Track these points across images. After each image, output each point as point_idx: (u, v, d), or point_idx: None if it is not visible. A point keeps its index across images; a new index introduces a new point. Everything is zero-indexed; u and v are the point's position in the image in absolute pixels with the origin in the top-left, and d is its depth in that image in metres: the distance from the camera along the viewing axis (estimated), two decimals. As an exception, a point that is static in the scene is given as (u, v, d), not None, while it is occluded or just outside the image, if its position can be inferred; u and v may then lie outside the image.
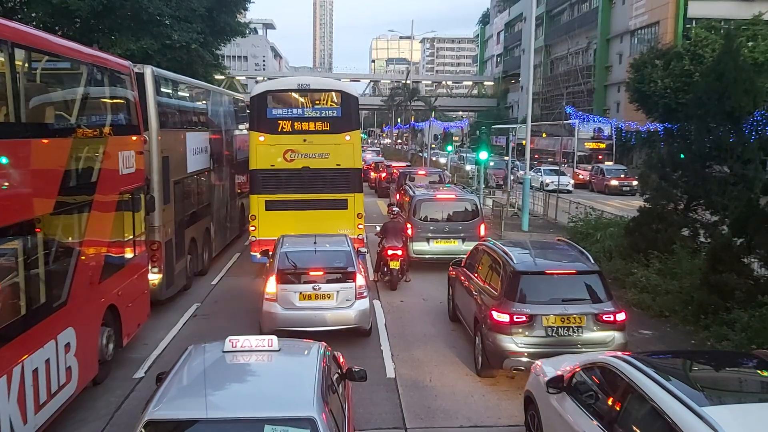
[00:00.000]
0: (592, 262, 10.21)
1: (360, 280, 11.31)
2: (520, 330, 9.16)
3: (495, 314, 9.34)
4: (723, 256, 11.52)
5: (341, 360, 7.57)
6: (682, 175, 15.08)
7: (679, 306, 12.45)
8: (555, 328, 9.12)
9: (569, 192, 34.52)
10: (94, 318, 9.15)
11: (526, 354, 9.09)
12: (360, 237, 15.76)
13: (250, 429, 5.13)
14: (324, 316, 11.05)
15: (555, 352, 8.55)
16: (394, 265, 14.97)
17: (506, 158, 34.91)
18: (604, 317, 9.27)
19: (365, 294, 11.36)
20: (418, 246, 16.85)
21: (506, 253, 10.17)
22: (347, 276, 11.27)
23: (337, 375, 6.73)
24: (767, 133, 20.91)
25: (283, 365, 6.40)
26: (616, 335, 9.33)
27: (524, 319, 9.15)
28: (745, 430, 4.83)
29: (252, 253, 15.78)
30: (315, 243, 12.02)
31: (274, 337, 6.38)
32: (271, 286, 11.07)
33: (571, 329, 9.16)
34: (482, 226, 17.23)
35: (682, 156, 15.10)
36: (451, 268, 12.80)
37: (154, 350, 11.12)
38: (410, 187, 20.50)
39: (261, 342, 6.28)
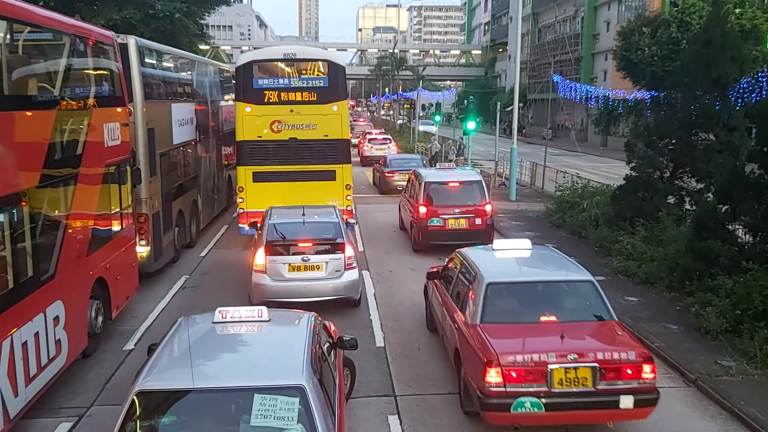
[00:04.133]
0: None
1: (349, 251, 11.35)
2: None
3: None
4: (708, 223, 11.62)
5: (332, 329, 7.65)
6: (668, 143, 15.14)
7: (664, 273, 12.59)
8: None
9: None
10: (83, 291, 9.15)
11: None
12: (349, 208, 15.76)
13: (240, 398, 5.16)
14: (313, 287, 11.10)
15: None
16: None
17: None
18: None
19: (354, 265, 11.41)
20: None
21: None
22: (336, 247, 11.31)
23: (328, 344, 6.79)
24: (753, 100, 20.96)
25: (272, 335, 6.41)
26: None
27: None
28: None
29: (240, 225, 15.77)
30: (303, 214, 12.01)
31: (264, 308, 6.39)
32: (260, 257, 11.09)
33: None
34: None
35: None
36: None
37: (144, 322, 11.16)
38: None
39: (251, 313, 6.30)
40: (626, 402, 7.02)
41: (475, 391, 7.28)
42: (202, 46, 36.08)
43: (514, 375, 6.93)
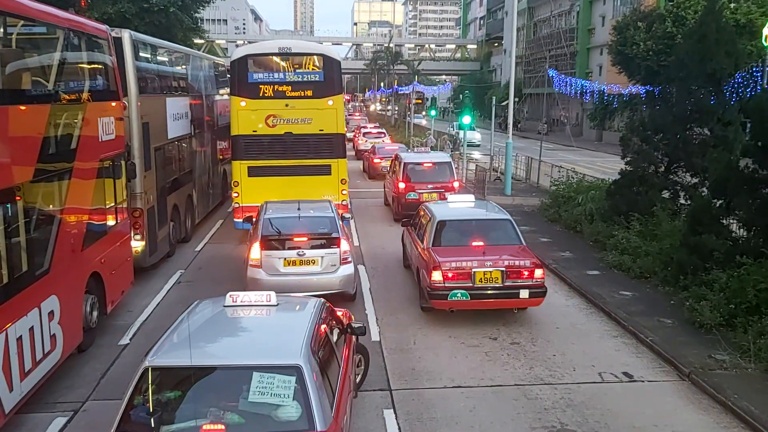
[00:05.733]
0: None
1: (344, 245, 11.35)
2: None
3: None
4: (702, 217, 11.66)
5: (339, 314, 7.88)
6: (663, 137, 15.17)
7: (658, 267, 12.63)
8: None
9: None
10: (78, 285, 9.13)
11: None
12: (344, 203, 15.75)
13: (240, 376, 5.47)
14: (309, 281, 11.08)
15: None
16: None
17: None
18: None
19: (350, 259, 11.41)
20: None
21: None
22: (331, 242, 11.30)
23: (337, 330, 7.15)
24: (748, 95, 20.99)
25: (278, 318, 6.68)
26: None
27: None
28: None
29: (235, 220, 15.75)
30: (299, 209, 12.01)
31: (273, 293, 6.67)
32: (255, 252, 11.08)
33: None
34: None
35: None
36: None
37: (139, 317, 11.13)
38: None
39: (260, 297, 6.63)
40: (524, 294, 10.46)
41: (426, 288, 10.69)
42: (197, 40, 36.06)
43: (450, 275, 10.37)
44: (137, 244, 12.62)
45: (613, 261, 13.77)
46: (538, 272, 10.52)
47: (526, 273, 10.46)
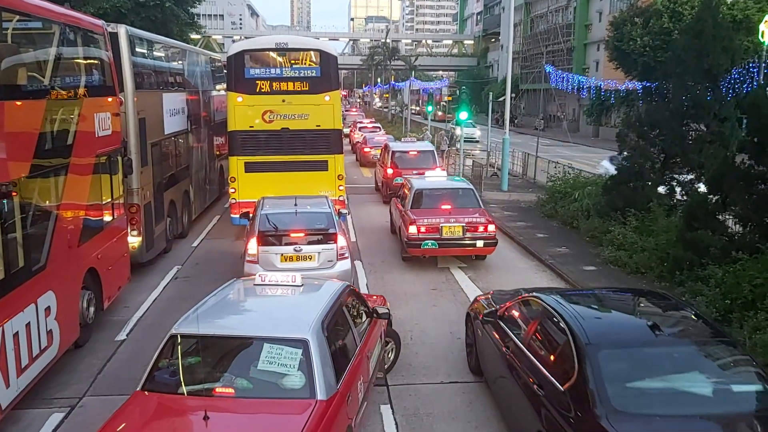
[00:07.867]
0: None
1: (341, 241, 11.35)
2: None
3: None
4: (698, 213, 11.67)
5: (374, 299, 8.74)
6: (659, 133, 15.17)
7: (655, 263, 12.65)
8: None
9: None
10: (74, 281, 9.12)
11: None
12: (341, 198, 15.75)
13: (253, 346, 6.05)
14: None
15: None
16: None
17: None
18: None
19: (347, 255, 11.42)
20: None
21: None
22: (328, 237, 11.30)
23: (364, 313, 7.75)
24: (744, 90, 21.02)
25: (299, 297, 7.21)
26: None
27: None
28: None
29: (232, 216, 15.75)
30: (296, 205, 12.00)
31: (298, 275, 7.37)
32: (252, 247, 11.08)
33: None
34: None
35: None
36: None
37: (136, 313, 11.13)
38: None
39: (286, 278, 7.33)
40: (479, 244, 13.50)
41: (405, 240, 13.68)
42: (193, 36, 35.97)
43: (423, 229, 13.37)
44: (134, 240, 12.61)
45: (610, 257, 13.79)
46: (491, 227, 13.56)
47: (481, 228, 13.48)
